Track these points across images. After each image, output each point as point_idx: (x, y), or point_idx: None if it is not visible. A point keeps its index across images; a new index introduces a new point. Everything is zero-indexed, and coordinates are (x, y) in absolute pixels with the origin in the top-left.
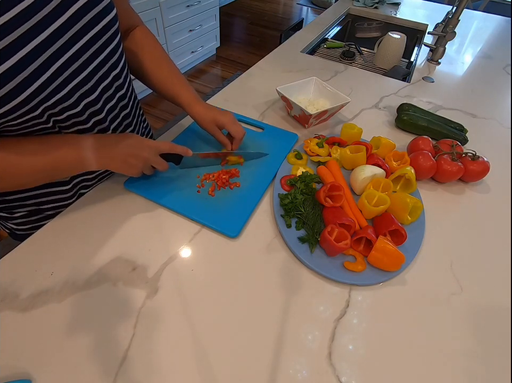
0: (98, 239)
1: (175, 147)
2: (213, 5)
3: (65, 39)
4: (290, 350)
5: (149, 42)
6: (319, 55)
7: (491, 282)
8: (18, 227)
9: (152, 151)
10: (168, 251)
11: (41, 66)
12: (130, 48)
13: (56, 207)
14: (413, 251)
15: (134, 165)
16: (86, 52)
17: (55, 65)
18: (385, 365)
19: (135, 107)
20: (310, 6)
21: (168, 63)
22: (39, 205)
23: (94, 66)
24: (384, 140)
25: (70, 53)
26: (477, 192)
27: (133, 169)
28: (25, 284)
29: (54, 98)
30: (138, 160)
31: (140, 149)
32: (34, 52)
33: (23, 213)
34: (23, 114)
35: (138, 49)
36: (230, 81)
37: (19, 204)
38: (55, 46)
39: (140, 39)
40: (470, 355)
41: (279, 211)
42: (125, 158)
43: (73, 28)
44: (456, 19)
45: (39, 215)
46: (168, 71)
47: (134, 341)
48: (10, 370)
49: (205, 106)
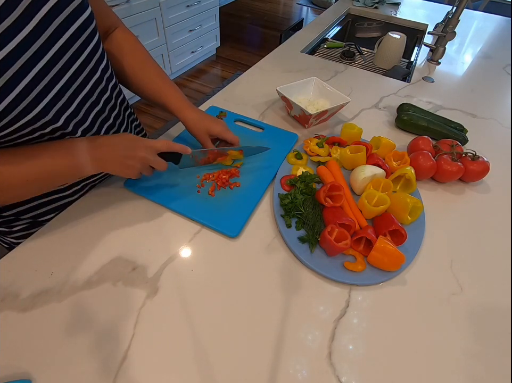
0: (98, 239)
1: (173, 145)
2: (213, 5)
3: (37, 45)
4: (290, 350)
5: (130, 43)
6: (319, 55)
7: (491, 282)
8: (18, 241)
9: (149, 150)
10: (168, 251)
11: (15, 75)
12: (110, 50)
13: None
14: (413, 251)
15: (132, 166)
16: (60, 59)
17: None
18: (385, 365)
19: (124, 107)
20: (310, 6)
21: (153, 65)
22: (37, 217)
23: (72, 73)
24: (384, 140)
25: (43, 62)
26: (477, 192)
27: (131, 170)
28: (25, 284)
29: (32, 113)
30: (135, 161)
31: (136, 149)
32: (5, 61)
33: (22, 225)
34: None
35: (118, 52)
36: (230, 81)
37: (18, 217)
38: (26, 55)
39: (120, 40)
40: (470, 355)
41: (279, 211)
42: (122, 159)
43: (45, 33)
44: (456, 19)
45: (39, 226)
46: (154, 73)
47: (134, 341)
48: (10, 370)
49: (197, 113)
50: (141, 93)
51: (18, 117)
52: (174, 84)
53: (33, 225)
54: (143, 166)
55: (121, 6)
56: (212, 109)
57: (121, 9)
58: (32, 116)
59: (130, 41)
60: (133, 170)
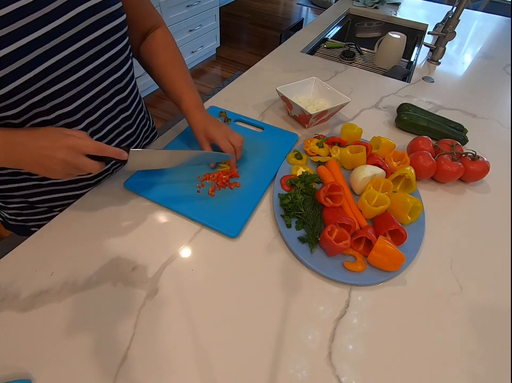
0: (98, 239)
1: (104, 149)
2: (213, 5)
3: (65, 37)
4: (290, 350)
5: (166, 44)
6: (319, 55)
7: (491, 282)
8: (11, 217)
9: (71, 152)
10: (168, 251)
11: (34, 60)
12: (148, 48)
13: (50, 199)
14: (413, 251)
15: (51, 168)
16: (86, 53)
17: (49, 61)
18: (385, 365)
19: (139, 110)
20: (310, 6)
21: (180, 66)
22: (28, 197)
23: (92, 67)
24: (384, 140)
25: (67, 51)
26: (477, 192)
27: (51, 172)
28: (25, 284)
29: (42, 94)
30: (52, 163)
31: (54, 150)
32: (31, 44)
33: (17, 204)
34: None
35: (154, 50)
36: (230, 81)
37: (11, 194)
38: (54, 42)
39: (158, 39)
40: (470, 355)
41: (279, 211)
42: (38, 159)
43: (76, 28)
44: (456, 19)
45: (31, 209)
46: (178, 74)
47: (134, 341)
48: (10, 370)
49: (203, 115)
50: (165, 91)
51: (31, 95)
52: (193, 87)
53: (27, 207)
54: (65, 167)
55: None
56: (212, 109)
57: None
58: (45, 95)
59: (166, 40)
60: (53, 172)
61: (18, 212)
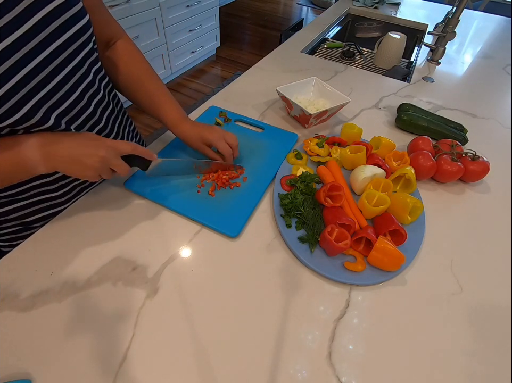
0: (98, 239)
1: (138, 148)
2: (213, 5)
3: (31, 45)
4: (290, 350)
5: (130, 55)
6: (319, 55)
7: (491, 282)
8: (5, 244)
9: (111, 151)
10: (168, 251)
11: (6, 73)
12: (110, 59)
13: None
14: (413, 251)
15: (90, 166)
16: (56, 59)
17: (21, 72)
18: (385, 364)
19: (120, 113)
20: (310, 6)
21: (151, 78)
22: (24, 217)
23: (65, 74)
24: (384, 140)
25: (39, 59)
26: (477, 192)
27: (89, 171)
28: (25, 284)
29: (20, 112)
30: (94, 161)
31: (97, 148)
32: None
33: (11, 229)
34: None
35: (117, 62)
36: (230, 81)
37: (5, 218)
38: (22, 51)
39: (121, 51)
40: (470, 355)
41: (279, 211)
42: (80, 158)
43: (42, 34)
44: (456, 19)
45: (27, 231)
46: (151, 87)
47: (134, 341)
48: (10, 370)
49: (191, 124)
50: (137, 105)
51: (2, 118)
52: (171, 98)
53: (22, 230)
54: (103, 166)
55: (121, 6)
56: (212, 109)
57: (121, 9)
58: (19, 117)
59: (131, 52)
60: (91, 171)
61: (13, 237)
